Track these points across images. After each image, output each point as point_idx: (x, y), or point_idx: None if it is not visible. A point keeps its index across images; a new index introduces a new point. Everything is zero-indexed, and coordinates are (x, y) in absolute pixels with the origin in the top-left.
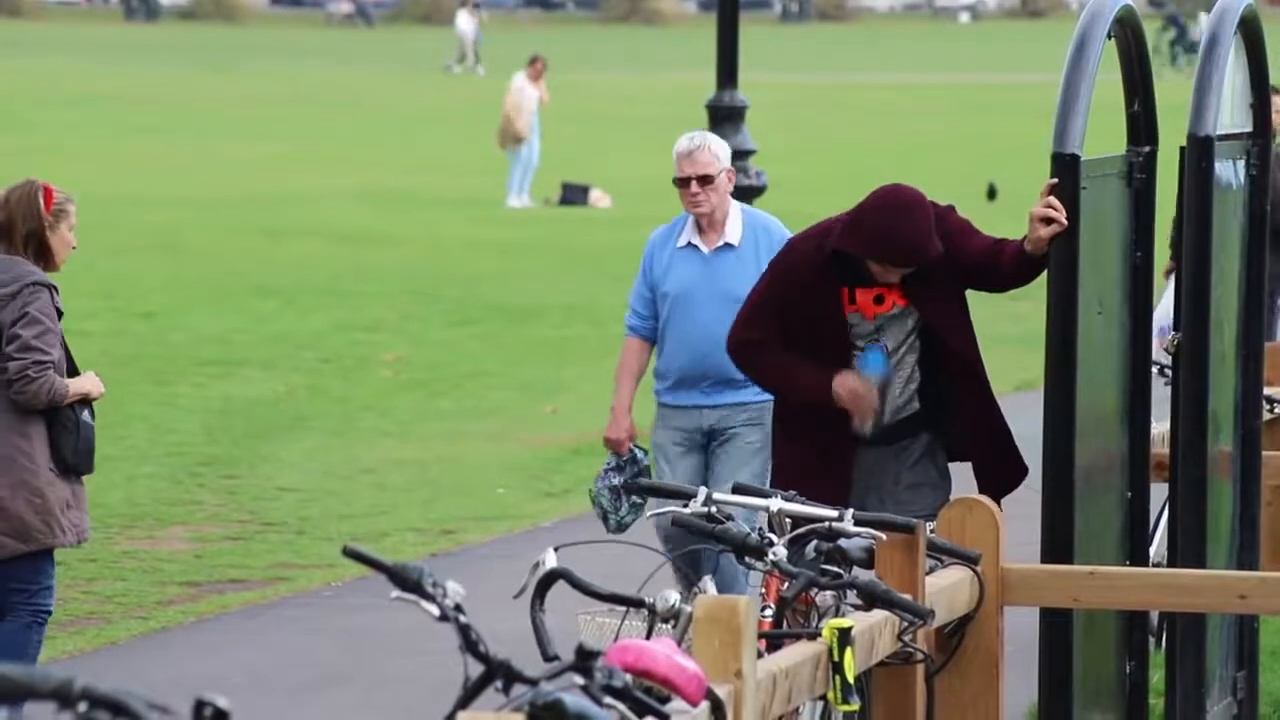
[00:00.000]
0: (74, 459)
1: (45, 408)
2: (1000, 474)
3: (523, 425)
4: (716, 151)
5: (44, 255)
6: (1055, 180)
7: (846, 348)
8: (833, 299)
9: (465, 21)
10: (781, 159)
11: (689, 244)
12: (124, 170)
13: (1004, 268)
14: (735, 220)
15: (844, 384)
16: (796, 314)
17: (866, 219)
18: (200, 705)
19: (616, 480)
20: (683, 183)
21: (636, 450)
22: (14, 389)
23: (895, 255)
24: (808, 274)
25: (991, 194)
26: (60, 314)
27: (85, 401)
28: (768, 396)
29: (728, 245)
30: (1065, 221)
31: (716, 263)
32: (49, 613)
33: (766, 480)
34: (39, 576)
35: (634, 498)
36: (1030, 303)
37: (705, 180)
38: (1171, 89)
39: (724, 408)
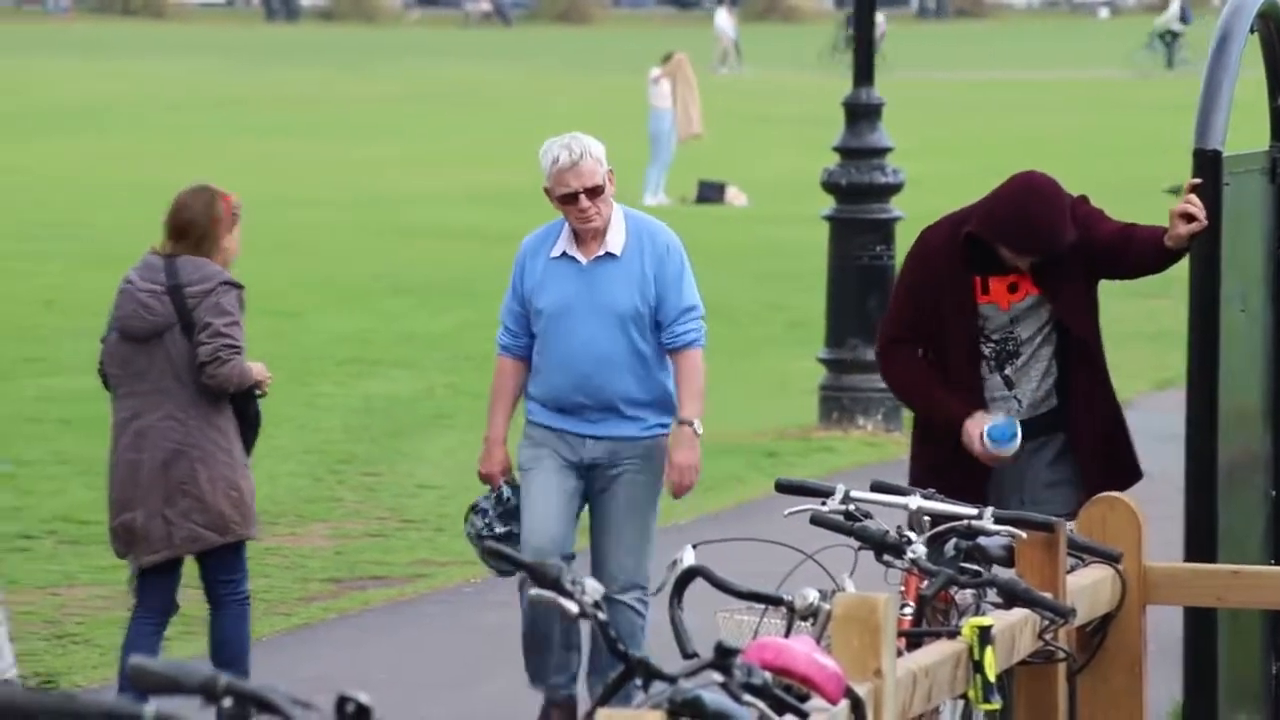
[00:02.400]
0: (250, 450)
1: (234, 391)
2: (1112, 476)
3: None
4: (599, 155)
5: (217, 259)
6: (1198, 180)
7: (976, 341)
8: (965, 287)
9: (724, 20)
10: (918, 156)
11: (564, 254)
12: (262, 171)
13: (1135, 253)
14: (618, 227)
15: (971, 441)
16: (928, 305)
17: (1001, 205)
18: (342, 701)
19: (480, 524)
20: (569, 199)
21: (505, 489)
22: (206, 371)
23: (1028, 241)
24: (940, 262)
25: (1175, 194)
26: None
27: (257, 394)
28: (659, 429)
29: (609, 255)
30: (1205, 219)
31: (596, 274)
32: (249, 597)
33: (652, 535)
34: (240, 564)
35: (505, 542)
36: (1168, 300)
37: (595, 192)
38: None
39: (611, 441)
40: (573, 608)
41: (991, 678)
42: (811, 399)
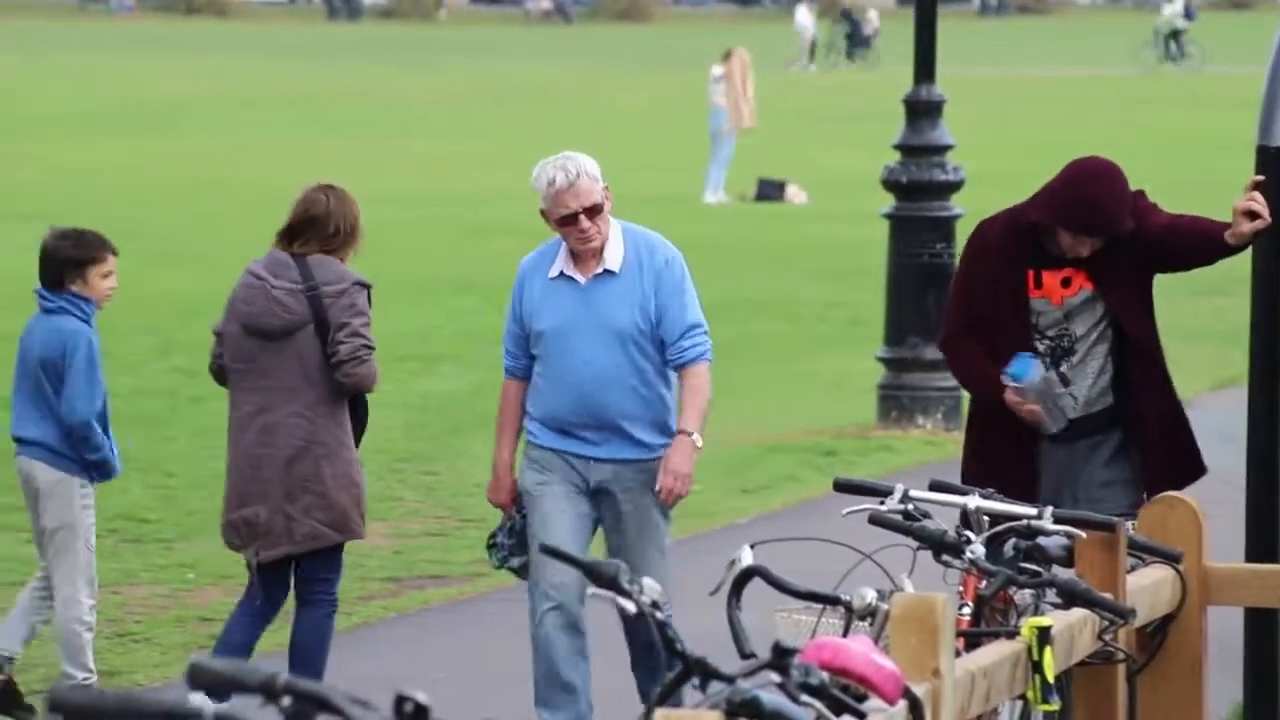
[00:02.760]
0: (358, 446)
1: (366, 391)
2: (1175, 472)
3: (718, 422)
4: (594, 172)
5: (347, 257)
6: (1261, 177)
7: (1029, 337)
8: (1018, 279)
9: (804, 17)
10: (979, 153)
11: (561, 274)
12: (324, 168)
13: (1187, 245)
14: (615, 243)
15: (1010, 404)
16: (981, 297)
17: (1063, 187)
18: (401, 700)
19: (499, 559)
20: (568, 220)
21: (518, 518)
22: (344, 370)
23: (1090, 222)
24: (995, 254)
25: None
26: None
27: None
28: (663, 451)
29: (607, 272)
30: (1268, 216)
31: (595, 293)
32: (337, 600)
33: (667, 551)
34: (339, 565)
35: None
36: (1232, 298)
37: (594, 211)
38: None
39: (616, 463)
40: (630, 607)
41: (1050, 678)
42: (870, 398)
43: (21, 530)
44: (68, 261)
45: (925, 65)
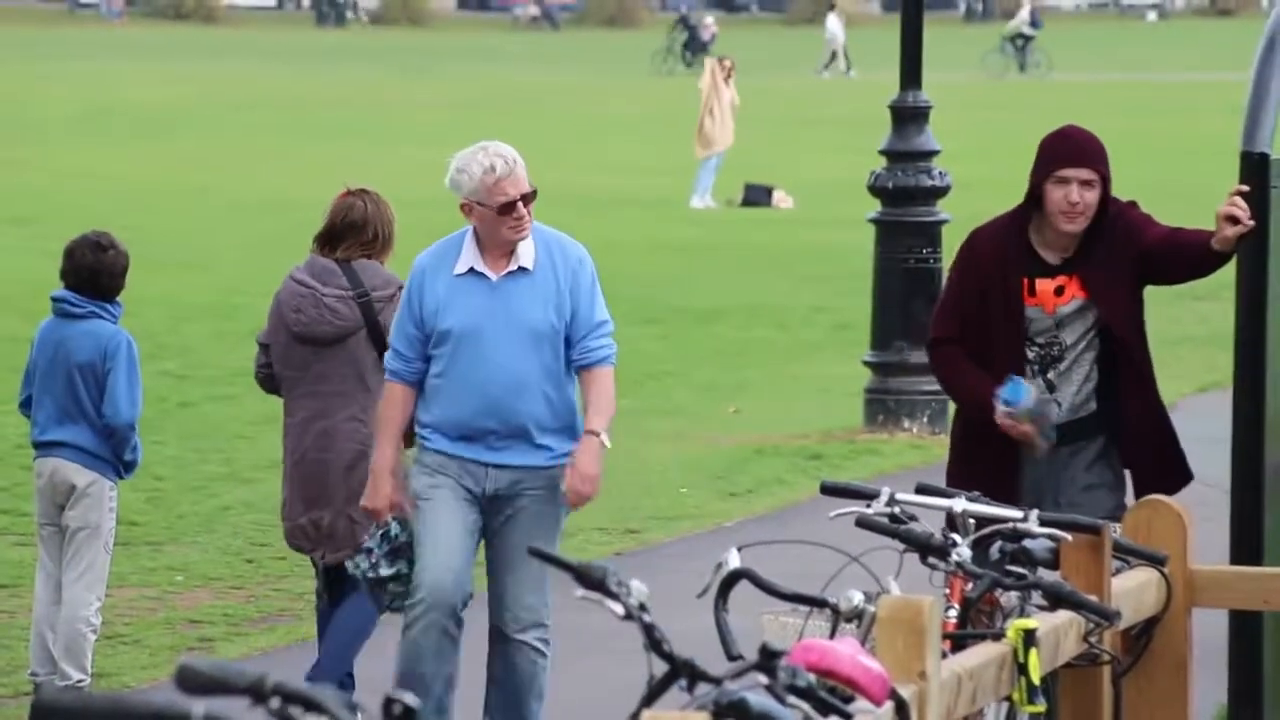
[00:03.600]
0: None
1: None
2: (1162, 478)
3: (705, 425)
4: (523, 161)
5: (385, 260)
6: (1246, 188)
7: (1020, 344)
8: (1013, 287)
9: (834, 24)
10: (965, 159)
11: (470, 270)
12: (314, 174)
13: (1183, 257)
14: (527, 240)
15: (997, 418)
16: (975, 304)
17: (1038, 150)
18: (389, 702)
19: (365, 565)
20: (508, 208)
21: (393, 525)
22: None
23: (1071, 150)
24: (989, 261)
25: None
26: None
27: None
28: (564, 459)
29: (521, 270)
30: (1250, 222)
31: (508, 291)
32: None
33: (549, 587)
34: None
35: (394, 582)
36: (1218, 303)
37: (530, 198)
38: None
39: (515, 470)
40: (618, 609)
41: (1036, 680)
42: (857, 401)
43: (6, 533)
44: (126, 270)
45: (912, 71)
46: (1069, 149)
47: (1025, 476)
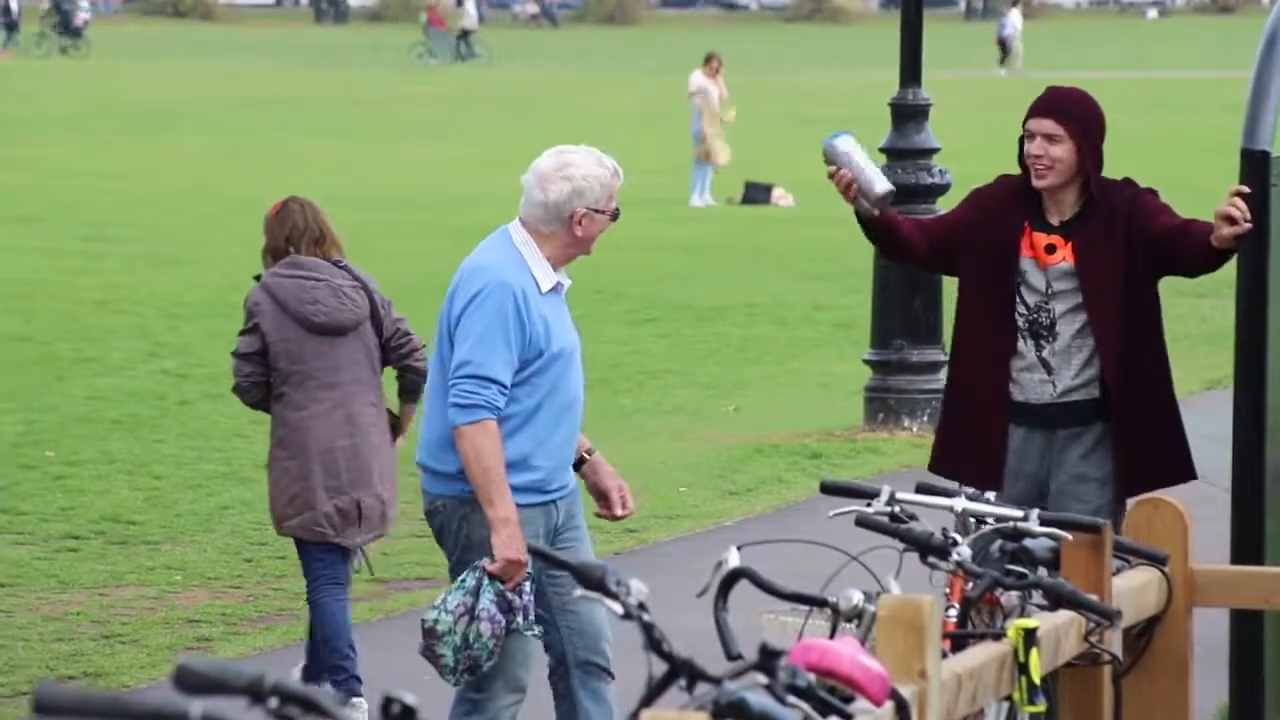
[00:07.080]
0: None
1: (425, 379)
2: (1162, 470)
3: (705, 423)
4: None
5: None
6: (1247, 189)
7: (1011, 295)
8: (1012, 227)
9: (1016, 19)
10: (965, 157)
11: (557, 285)
12: (313, 171)
13: (1189, 249)
14: None
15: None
16: (976, 237)
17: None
18: (388, 701)
19: (526, 624)
20: (617, 213)
21: (528, 583)
22: (416, 356)
23: (1037, 102)
24: (998, 198)
25: None
26: None
27: None
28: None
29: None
30: (1248, 221)
31: (564, 304)
32: None
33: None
34: None
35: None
36: (1218, 300)
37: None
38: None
39: (571, 495)
40: (618, 609)
41: (1036, 680)
42: (857, 400)
43: (3, 532)
44: None
45: (912, 69)
46: (1037, 102)
47: (1020, 455)
